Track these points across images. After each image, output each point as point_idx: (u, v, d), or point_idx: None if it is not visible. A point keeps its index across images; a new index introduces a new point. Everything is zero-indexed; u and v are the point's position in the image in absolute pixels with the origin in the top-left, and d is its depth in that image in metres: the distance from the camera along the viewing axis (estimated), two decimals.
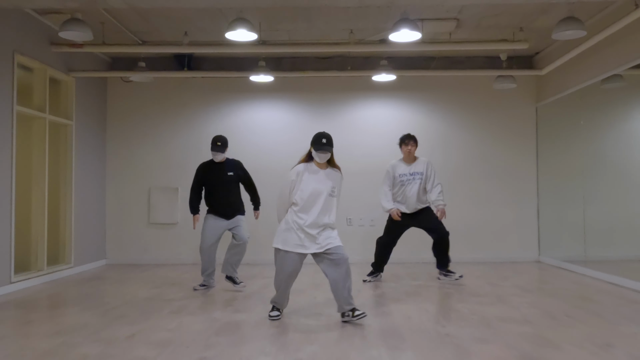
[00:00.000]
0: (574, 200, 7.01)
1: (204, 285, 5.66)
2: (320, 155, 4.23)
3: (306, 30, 6.78)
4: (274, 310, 4.35)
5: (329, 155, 4.26)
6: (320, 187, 4.22)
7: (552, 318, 4.26)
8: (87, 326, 4.08)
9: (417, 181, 5.87)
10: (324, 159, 4.26)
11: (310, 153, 4.31)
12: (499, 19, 6.38)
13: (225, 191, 5.58)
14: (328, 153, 4.24)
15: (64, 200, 6.90)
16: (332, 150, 4.26)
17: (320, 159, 4.25)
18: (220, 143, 5.57)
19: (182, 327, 4.04)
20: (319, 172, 4.27)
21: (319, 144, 4.22)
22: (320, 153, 4.22)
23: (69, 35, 5.37)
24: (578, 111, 6.99)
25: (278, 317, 4.31)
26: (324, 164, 4.30)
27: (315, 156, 4.25)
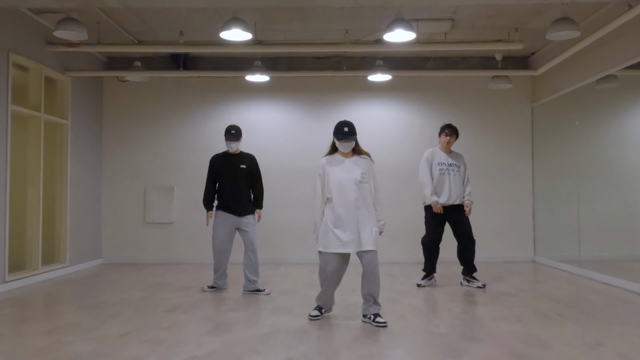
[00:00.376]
0: (568, 200, 7.04)
1: (213, 287, 5.49)
2: (343, 144, 4.17)
3: (302, 30, 6.80)
4: (315, 309, 4.29)
5: (352, 143, 4.18)
6: (348, 176, 4.11)
7: (544, 317, 4.28)
8: (80, 325, 4.09)
9: (457, 173, 5.73)
10: (347, 148, 4.18)
11: (334, 144, 4.26)
12: (494, 19, 6.40)
13: (236, 185, 5.37)
14: (351, 141, 4.16)
15: (59, 200, 6.91)
16: (356, 138, 4.20)
17: (344, 148, 4.18)
18: (235, 131, 5.40)
19: (175, 325, 4.06)
20: (344, 162, 4.19)
21: (341, 133, 4.15)
22: (343, 142, 4.16)
23: (64, 35, 5.38)
24: (573, 111, 7.01)
25: (318, 317, 4.23)
26: (349, 153, 4.22)
27: (339, 146, 4.19)
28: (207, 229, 5.80)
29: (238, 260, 5.70)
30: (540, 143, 7.94)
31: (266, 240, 7.82)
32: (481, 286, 5.69)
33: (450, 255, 6.56)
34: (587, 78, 6.49)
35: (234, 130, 5.43)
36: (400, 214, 7.85)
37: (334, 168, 4.17)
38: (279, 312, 4.52)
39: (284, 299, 5.13)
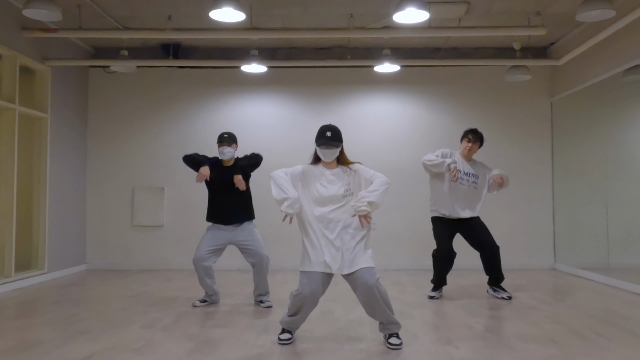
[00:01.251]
0: (593, 203, 6.42)
1: (204, 300, 4.84)
2: (324, 151, 3.46)
3: (301, 16, 6.23)
4: (284, 332, 3.59)
5: (335, 152, 3.47)
6: (329, 191, 3.45)
7: (581, 337, 3.67)
8: (40, 343, 3.50)
9: (473, 185, 5.00)
10: (329, 156, 3.47)
11: (316, 152, 3.56)
12: (512, 3, 5.81)
13: (228, 197, 4.67)
14: (334, 149, 3.45)
15: (37, 200, 6.34)
16: (341, 146, 3.51)
17: (325, 157, 3.47)
18: (227, 135, 4.70)
19: (149, 346, 3.46)
20: (326, 173, 3.50)
21: (322, 137, 3.45)
22: (324, 149, 3.45)
23: (34, 14, 4.82)
24: (597, 106, 6.41)
25: (289, 340, 3.54)
26: (332, 163, 3.54)
27: (320, 153, 3.49)
28: (199, 233, 5.15)
29: (227, 267, 5.10)
30: (560, 140, 7.32)
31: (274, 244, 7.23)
32: (506, 297, 5.09)
33: (465, 263, 5.99)
34: (615, 67, 5.89)
35: (227, 134, 4.72)
36: (407, 216, 7.26)
37: (314, 180, 3.49)
38: (272, 329, 3.92)
39: (279, 312, 4.53)
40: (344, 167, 3.55)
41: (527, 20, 6.13)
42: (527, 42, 6.80)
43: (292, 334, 3.58)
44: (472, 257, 7.35)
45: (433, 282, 5.24)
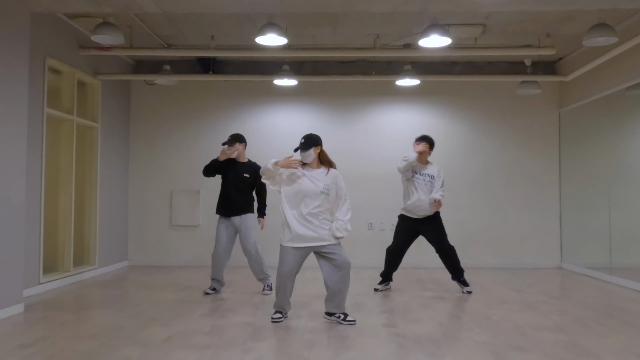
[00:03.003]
0: (598, 207, 6.98)
1: (214, 289, 5.61)
2: (301, 154, 4.33)
3: (331, 35, 6.81)
4: (276, 312, 4.42)
5: (309, 155, 4.32)
6: (311, 187, 4.26)
7: (585, 326, 4.25)
8: (122, 328, 4.12)
9: (428, 183, 5.72)
10: (306, 158, 4.33)
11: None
12: (525, 25, 6.37)
13: (235, 191, 5.54)
14: (305, 152, 4.30)
15: (89, 202, 6.97)
16: (314, 149, 4.32)
17: (303, 159, 4.34)
18: (231, 137, 5.57)
19: (216, 330, 4.07)
20: (311, 171, 4.33)
21: (299, 144, 4.35)
22: (300, 153, 4.33)
23: (101, 39, 5.44)
24: (602, 117, 6.96)
25: (280, 319, 4.36)
26: (314, 163, 4.37)
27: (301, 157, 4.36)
28: None
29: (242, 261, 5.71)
30: (567, 149, 7.89)
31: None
32: (465, 292, 5.69)
33: (478, 262, 6.53)
34: (619, 84, 6.44)
35: (231, 136, 5.63)
36: None
37: (301, 174, 4.31)
38: (316, 317, 4.51)
39: (318, 303, 5.13)
40: (324, 168, 4.38)
41: (537, 40, 6.70)
42: (537, 57, 7.36)
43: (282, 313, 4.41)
44: (486, 259, 7.96)
45: (381, 275, 5.94)
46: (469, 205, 8.02)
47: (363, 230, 7.88)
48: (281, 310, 4.42)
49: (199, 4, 4.76)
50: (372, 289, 5.92)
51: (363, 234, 7.83)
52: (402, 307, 4.99)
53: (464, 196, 8.01)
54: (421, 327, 4.20)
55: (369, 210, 7.84)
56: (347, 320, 4.27)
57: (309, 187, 4.26)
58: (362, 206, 7.84)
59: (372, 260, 6.11)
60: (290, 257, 4.26)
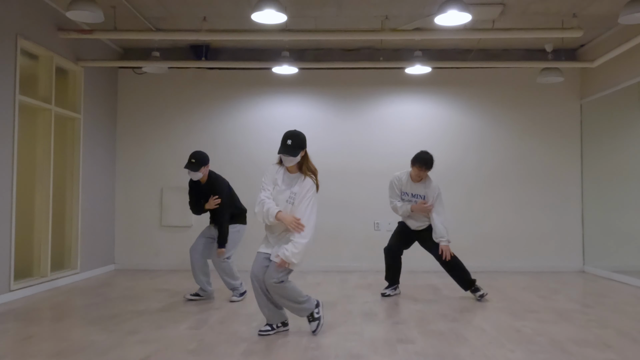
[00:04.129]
0: (624, 206, 6.38)
1: (197, 294, 5.12)
2: (284, 158, 3.66)
3: (335, 17, 6.22)
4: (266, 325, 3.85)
5: (294, 159, 3.65)
6: (280, 194, 3.69)
7: (634, 341, 3.65)
8: (93, 345, 3.51)
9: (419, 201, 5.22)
10: (288, 162, 3.67)
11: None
12: (548, 4, 5.78)
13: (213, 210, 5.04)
14: (290, 157, 3.62)
15: (70, 200, 6.37)
16: (301, 154, 3.66)
17: (285, 162, 3.69)
18: (195, 160, 4.83)
19: (203, 347, 3.47)
20: (284, 176, 3.74)
21: (282, 145, 3.64)
22: (283, 156, 3.65)
23: (77, 16, 4.84)
24: (628, 108, 6.36)
25: (268, 332, 3.79)
26: (293, 168, 3.72)
27: (282, 159, 3.70)
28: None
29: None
30: (590, 142, 7.28)
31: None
32: (479, 299, 5.12)
33: (493, 264, 5.96)
34: None
35: (194, 158, 4.84)
36: None
37: (277, 178, 3.74)
38: (322, 329, 3.91)
39: (328, 313, 4.52)
40: (301, 175, 3.70)
41: (560, 22, 6.10)
42: (558, 44, 6.76)
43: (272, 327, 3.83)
44: (502, 262, 7.34)
45: (385, 278, 5.44)
46: (483, 203, 7.42)
47: (369, 231, 7.26)
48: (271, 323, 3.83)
49: None
50: (379, 294, 5.33)
51: (369, 235, 7.22)
52: (418, 318, 4.38)
53: (477, 193, 7.41)
54: (443, 343, 3.59)
55: (375, 209, 7.22)
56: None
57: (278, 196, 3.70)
58: (367, 205, 7.24)
59: (380, 263, 5.52)
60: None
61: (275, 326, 3.82)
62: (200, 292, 5.12)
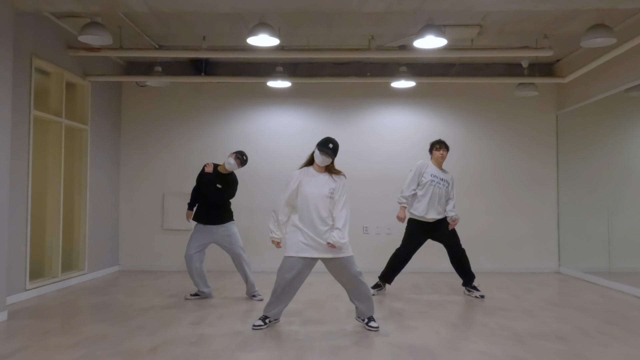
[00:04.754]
0: (597, 211, 6.86)
1: (196, 294, 5.57)
2: (322, 157, 4.18)
3: (325, 35, 6.68)
4: (259, 320, 4.30)
5: (329, 161, 4.21)
6: (317, 190, 4.16)
7: (585, 335, 4.12)
8: (106, 337, 3.97)
9: (444, 188, 5.71)
10: (323, 162, 4.20)
11: (312, 156, 4.30)
12: (523, 25, 6.26)
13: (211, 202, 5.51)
14: (329, 158, 4.19)
15: (78, 206, 6.82)
16: (334, 158, 4.24)
17: (321, 162, 4.20)
18: (246, 157, 5.51)
19: (204, 340, 3.93)
20: (317, 176, 4.23)
21: (324, 146, 4.20)
22: (322, 155, 4.17)
23: (88, 40, 5.30)
24: (601, 119, 6.85)
25: (261, 327, 4.24)
26: (322, 169, 4.25)
27: (317, 156, 4.21)
28: None
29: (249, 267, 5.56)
30: (565, 151, 7.77)
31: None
32: (479, 297, 5.63)
33: (475, 266, 6.38)
34: (618, 86, 6.33)
35: (245, 156, 5.51)
36: None
37: (306, 180, 4.21)
38: (309, 325, 4.38)
39: (312, 311, 5.00)
40: (332, 175, 4.28)
41: (535, 41, 6.58)
42: (534, 59, 7.24)
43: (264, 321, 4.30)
44: (483, 263, 7.80)
45: (380, 277, 5.86)
46: (466, 208, 7.83)
47: (358, 235, 7.73)
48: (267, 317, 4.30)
49: (188, 3, 4.63)
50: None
51: (358, 239, 7.68)
52: (397, 314, 4.85)
53: (460, 199, 7.78)
54: (416, 336, 4.06)
55: (364, 213, 7.70)
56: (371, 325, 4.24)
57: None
58: (357, 209, 7.68)
59: (369, 265, 5.97)
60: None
61: (267, 321, 4.28)
62: (199, 292, 5.57)
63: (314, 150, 4.26)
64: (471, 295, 5.70)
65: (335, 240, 4.05)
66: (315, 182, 4.18)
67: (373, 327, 4.20)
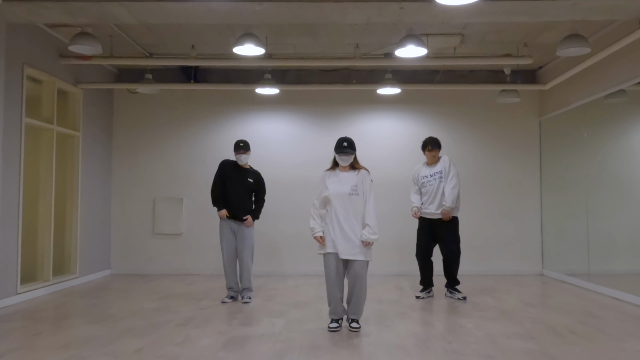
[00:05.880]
0: (577, 214, 7.05)
1: (232, 297, 5.67)
2: (341, 157, 4.40)
3: (312, 44, 6.86)
4: (332, 322, 4.44)
5: (350, 158, 4.41)
6: (339, 189, 4.35)
7: (556, 334, 4.29)
8: (95, 339, 4.11)
9: (437, 180, 5.86)
10: (345, 161, 4.41)
11: (334, 159, 4.50)
12: (503, 34, 6.45)
13: (240, 196, 5.64)
14: (349, 156, 4.39)
15: (70, 210, 6.96)
16: (355, 154, 4.44)
17: (342, 162, 4.42)
18: (243, 144, 5.63)
19: (189, 341, 4.08)
20: (339, 175, 4.43)
21: (340, 147, 4.41)
22: (341, 156, 4.39)
23: (79, 49, 5.45)
24: (581, 125, 7.04)
25: (337, 328, 4.38)
26: (346, 167, 4.44)
27: (338, 159, 4.43)
28: (216, 239, 5.89)
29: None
30: (548, 156, 7.96)
31: (273, 252, 7.86)
32: (461, 298, 5.83)
33: (464, 269, 6.53)
34: (596, 93, 6.53)
35: (242, 143, 5.66)
36: (407, 227, 7.84)
37: (330, 180, 4.43)
38: (292, 326, 4.54)
39: (296, 312, 5.15)
40: (356, 170, 4.47)
41: (516, 49, 6.78)
42: (517, 66, 7.44)
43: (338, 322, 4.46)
44: (467, 266, 7.96)
45: (420, 282, 6.06)
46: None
47: None
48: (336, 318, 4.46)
49: (174, 15, 4.79)
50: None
51: None
52: (379, 316, 5.01)
53: None
54: (394, 336, 4.23)
55: None
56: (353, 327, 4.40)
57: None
58: None
59: None
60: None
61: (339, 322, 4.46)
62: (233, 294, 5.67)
63: (334, 155, 4.47)
64: (453, 297, 5.87)
65: (366, 237, 4.29)
66: (338, 180, 4.40)
67: (354, 327, 4.36)
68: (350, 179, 4.39)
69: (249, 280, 5.66)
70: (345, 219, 4.31)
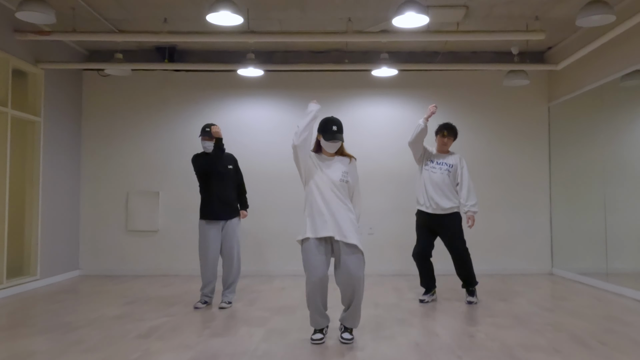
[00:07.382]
0: (592, 208, 6.40)
1: (205, 302, 4.96)
2: (330, 144, 3.68)
3: (299, 19, 6.17)
4: (315, 332, 3.74)
5: (339, 144, 3.71)
6: (328, 177, 3.63)
7: (584, 345, 3.63)
8: (34, 355, 3.41)
9: (444, 173, 5.12)
10: (334, 148, 3.71)
11: (318, 142, 3.74)
12: (512, 7, 5.79)
13: (222, 186, 4.89)
14: (339, 142, 3.69)
15: (29, 205, 6.23)
16: (343, 139, 3.71)
17: (330, 149, 3.71)
18: (209, 129, 4.83)
19: (147, 356, 3.38)
20: (327, 160, 3.72)
21: (330, 132, 3.65)
22: (331, 142, 3.66)
23: (28, 17, 4.72)
24: (595, 111, 6.39)
25: (321, 340, 3.68)
26: (332, 153, 3.74)
27: (325, 146, 3.70)
28: (194, 238, 5.22)
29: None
30: (557, 145, 7.31)
31: (258, 251, 7.17)
32: (468, 302, 5.15)
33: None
34: (613, 73, 5.87)
35: (208, 127, 4.84)
36: (403, 221, 7.19)
37: (323, 165, 3.69)
38: (273, 337, 3.85)
39: (278, 320, 4.47)
40: (343, 157, 3.77)
41: (525, 25, 6.12)
42: (525, 46, 6.78)
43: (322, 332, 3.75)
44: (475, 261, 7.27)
45: (421, 285, 5.31)
46: None
47: None
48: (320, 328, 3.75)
49: None
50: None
51: None
52: (375, 323, 4.33)
53: None
54: (392, 349, 3.55)
55: None
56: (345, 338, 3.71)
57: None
58: None
59: None
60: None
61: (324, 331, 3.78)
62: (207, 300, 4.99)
63: (318, 139, 3.74)
64: (473, 302, 5.15)
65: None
66: (326, 165, 3.68)
67: (346, 339, 3.68)
68: (341, 166, 3.71)
69: (238, 274, 4.99)
70: (336, 203, 3.59)
